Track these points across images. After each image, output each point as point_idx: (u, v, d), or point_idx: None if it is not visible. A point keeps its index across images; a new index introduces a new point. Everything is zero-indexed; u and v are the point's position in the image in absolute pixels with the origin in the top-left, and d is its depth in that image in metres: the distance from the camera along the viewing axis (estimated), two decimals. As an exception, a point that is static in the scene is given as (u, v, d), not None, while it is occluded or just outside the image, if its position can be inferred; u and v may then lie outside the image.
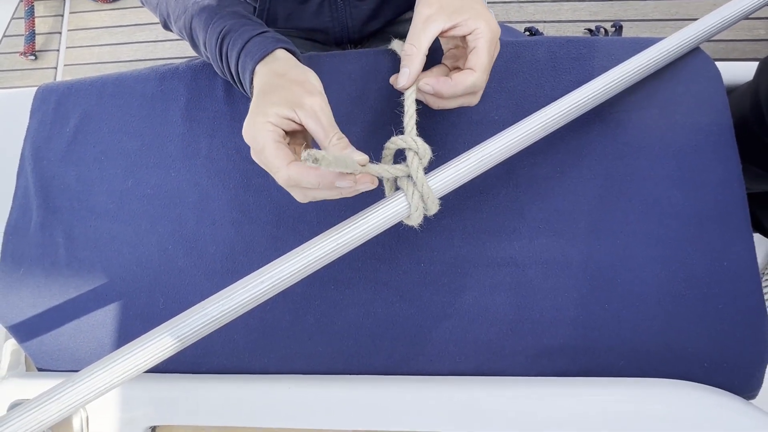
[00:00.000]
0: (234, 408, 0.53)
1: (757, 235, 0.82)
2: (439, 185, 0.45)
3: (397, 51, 0.57)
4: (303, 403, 0.52)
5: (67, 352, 0.61)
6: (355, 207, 0.46)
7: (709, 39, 0.55)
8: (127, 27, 1.76)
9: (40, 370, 0.62)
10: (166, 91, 0.64)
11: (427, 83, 0.46)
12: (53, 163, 0.66)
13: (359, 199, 0.48)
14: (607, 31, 1.40)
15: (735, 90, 0.74)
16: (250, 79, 0.49)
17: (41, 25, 1.80)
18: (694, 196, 0.53)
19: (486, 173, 0.48)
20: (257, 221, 0.58)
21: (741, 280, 0.51)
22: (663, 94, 0.55)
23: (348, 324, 0.55)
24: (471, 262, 0.54)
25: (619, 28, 1.38)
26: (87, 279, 0.61)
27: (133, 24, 1.75)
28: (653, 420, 0.47)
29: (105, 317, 0.60)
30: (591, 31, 1.42)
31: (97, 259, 0.61)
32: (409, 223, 0.45)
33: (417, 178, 0.43)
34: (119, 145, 0.64)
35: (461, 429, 0.49)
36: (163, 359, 0.40)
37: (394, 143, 0.45)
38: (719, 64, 0.56)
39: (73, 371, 0.39)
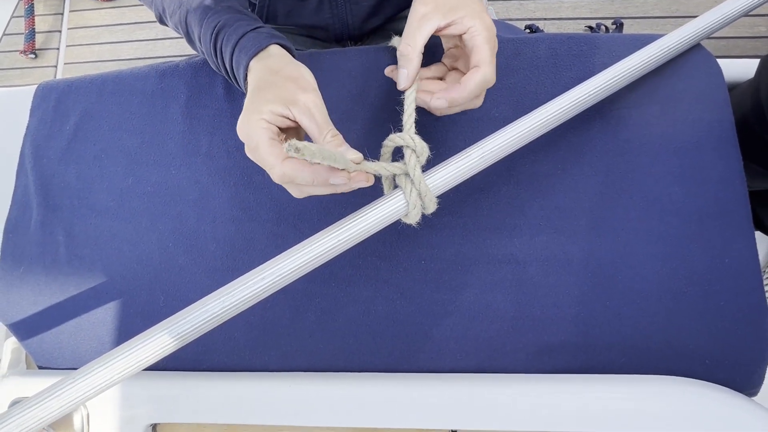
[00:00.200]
0: (235, 405, 0.53)
1: (758, 234, 0.82)
2: (439, 182, 0.45)
3: (397, 47, 0.57)
4: (303, 400, 0.52)
5: (68, 350, 0.61)
6: (355, 205, 0.46)
7: (710, 36, 0.55)
8: (127, 25, 1.76)
9: (41, 368, 0.62)
10: (166, 88, 0.64)
11: (439, 98, 0.46)
12: (53, 161, 0.66)
13: (359, 197, 0.48)
14: (607, 28, 1.40)
15: (736, 88, 0.74)
16: (244, 75, 0.49)
17: (41, 24, 1.80)
18: (695, 193, 0.52)
19: (486, 170, 0.48)
20: (258, 219, 0.58)
21: (742, 277, 0.50)
22: (664, 91, 0.55)
23: (349, 321, 0.55)
24: (471, 260, 0.54)
25: (619, 25, 1.38)
26: (87, 277, 0.61)
27: (133, 22, 1.75)
28: (654, 417, 0.47)
29: (105, 315, 0.60)
30: (591, 28, 1.42)
31: (97, 257, 0.61)
32: (407, 221, 0.45)
33: (414, 175, 0.43)
34: (119, 143, 0.64)
35: (462, 426, 0.49)
36: (164, 356, 0.40)
37: (392, 141, 0.45)
38: (720, 61, 0.56)
39: (73, 369, 0.39)
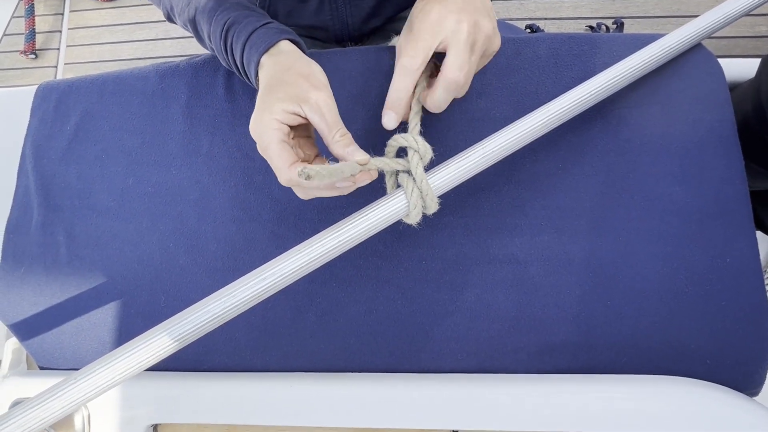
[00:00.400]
0: (236, 406, 0.53)
1: (759, 234, 0.82)
2: (440, 182, 0.45)
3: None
4: (304, 401, 0.52)
5: (69, 350, 0.61)
6: (356, 205, 0.46)
7: (711, 35, 0.55)
8: (128, 25, 1.76)
9: (42, 368, 0.62)
10: (166, 88, 0.64)
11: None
12: (54, 161, 0.66)
13: (361, 197, 0.48)
14: (608, 28, 1.39)
15: (736, 87, 0.73)
16: (256, 72, 0.49)
17: (41, 24, 1.80)
18: (696, 193, 0.52)
19: (488, 170, 0.48)
20: (258, 219, 0.58)
21: (743, 277, 0.50)
22: (665, 91, 0.55)
23: (350, 322, 0.55)
24: (472, 259, 0.54)
25: (620, 24, 1.37)
26: (88, 277, 0.61)
27: (133, 22, 1.75)
28: (655, 417, 0.47)
29: (106, 316, 0.60)
30: (592, 28, 1.41)
31: (98, 258, 0.61)
32: (408, 221, 0.45)
33: (416, 174, 0.43)
34: (120, 143, 0.64)
35: (463, 426, 0.49)
36: (165, 357, 0.40)
37: (396, 141, 0.46)
38: (721, 60, 0.56)
39: (74, 370, 0.39)
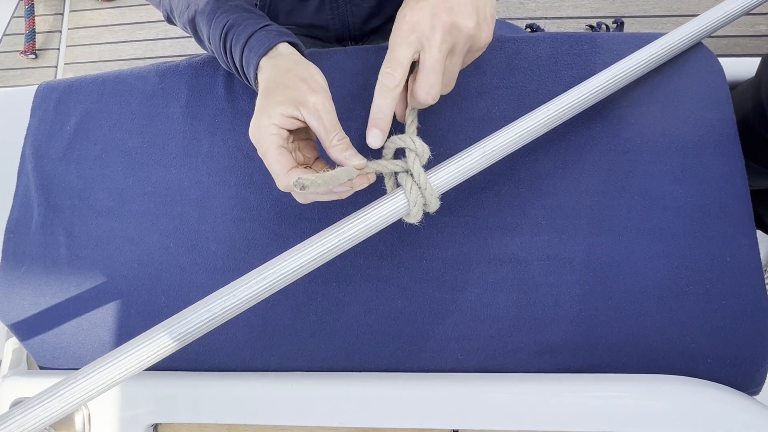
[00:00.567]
0: (236, 405, 0.53)
1: (759, 233, 0.82)
2: (440, 182, 0.45)
3: None
4: (305, 400, 0.52)
5: (69, 350, 0.61)
6: (356, 204, 0.46)
7: (711, 35, 0.55)
8: (128, 25, 1.76)
9: (42, 368, 0.62)
10: (166, 88, 0.64)
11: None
12: (54, 161, 0.66)
13: (360, 197, 0.48)
14: (608, 28, 1.39)
15: (737, 86, 0.73)
16: (255, 75, 0.49)
17: (41, 24, 1.80)
18: (697, 192, 0.52)
19: (488, 169, 0.48)
20: (259, 218, 0.58)
21: (744, 276, 0.50)
22: (665, 90, 0.55)
23: (350, 321, 0.55)
24: (473, 259, 0.54)
25: (620, 24, 1.37)
26: (88, 277, 0.61)
27: (133, 22, 1.75)
28: (656, 416, 0.47)
29: (106, 315, 0.60)
30: (592, 27, 1.41)
31: (98, 257, 0.61)
32: (409, 220, 0.45)
33: (415, 173, 0.43)
34: (120, 143, 0.64)
35: (464, 426, 0.49)
36: (165, 356, 0.40)
37: (393, 142, 0.45)
38: (721, 60, 0.56)
39: (74, 369, 0.39)
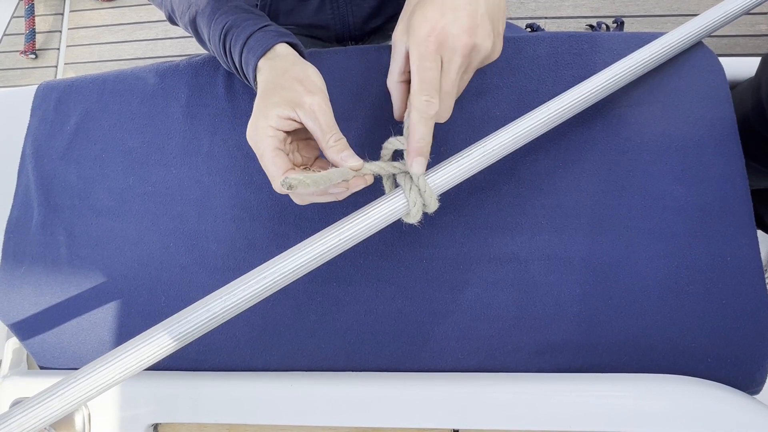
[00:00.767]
0: (236, 405, 0.53)
1: (760, 233, 0.82)
2: (440, 181, 0.45)
3: None
4: (305, 400, 0.52)
5: (69, 350, 0.61)
6: (356, 204, 0.46)
7: (711, 34, 0.55)
8: (128, 25, 1.76)
9: (42, 368, 0.62)
10: (166, 88, 0.64)
11: (412, 158, 0.42)
12: (54, 161, 0.66)
13: (360, 197, 0.48)
14: (608, 27, 1.39)
15: (737, 86, 0.73)
16: (254, 76, 0.49)
17: (41, 24, 1.80)
18: (697, 191, 0.52)
19: (488, 169, 0.48)
20: (259, 218, 0.58)
21: (744, 275, 0.50)
22: (665, 89, 0.55)
23: (350, 321, 0.55)
24: (473, 258, 0.54)
25: (620, 23, 1.37)
26: (88, 277, 0.61)
27: (133, 22, 1.75)
28: (656, 416, 0.47)
29: (106, 315, 0.60)
30: (592, 27, 1.41)
31: (98, 257, 0.61)
32: (409, 220, 0.45)
33: (414, 176, 0.43)
34: (120, 142, 0.64)
35: (464, 425, 0.49)
36: (165, 356, 0.40)
37: (392, 144, 0.45)
38: (721, 59, 0.56)
39: (75, 369, 0.39)
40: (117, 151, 0.64)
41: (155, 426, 0.56)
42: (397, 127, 0.47)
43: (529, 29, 1.40)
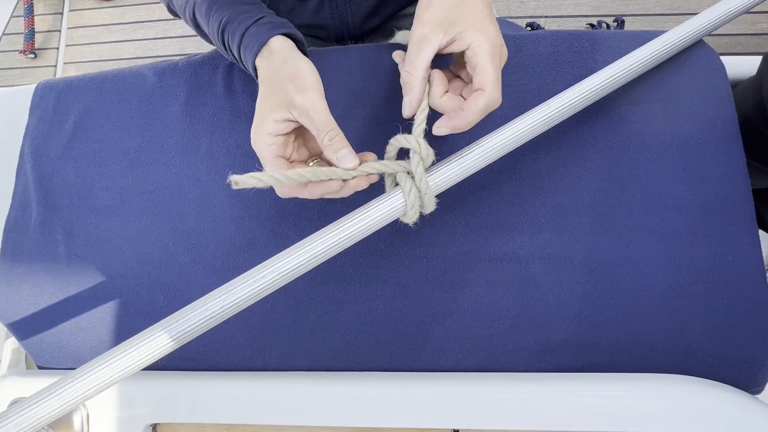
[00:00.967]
0: (235, 405, 0.53)
1: (761, 232, 0.82)
2: (439, 180, 0.45)
3: (401, 43, 0.57)
4: (304, 399, 0.52)
5: (68, 349, 0.61)
6: (356, 203, 0.46)
7: (712, 32, 0.55)
8: (127, 25, 1.75)
9: (41, 368, 0.62)
10: (165, 87, 0.64)
11: (440, 126, 0.43)
12: (53, 160, 0.65)
13: (360, 195, 0.47)
14: (609, 26, 1.39)
15: (738, 85, 0.73)
16: (255, 75, 0.50)
17: (41, 23, 1.80)
18: (698, 190, 0.52)
19: (488, 168, 0.48)
20: (258, 217, 0.58)
21: (746, 275, 0.50)
22: (666, 87, 0.55)
23: (350, 321, 0.55)
24: (473, 258, 0.54)
25: (621, 22, 1.37)
26: (87, 276, 0.61)
27: (133, 21, 1.75)
28: (657, 415, 0.46)
29: (105, 315, 0.60)
30: (593, 26, 1.41)
31: (97, 257, 0.61)
32: (405, 220, 0.45)
33: (417, 177, 0.43)
34: (119, 141, 0.64)
35: (464, 425, 0.49)
36: (163, 355, 0.40)
37: (398, 141, 0.45)
38: (722, 58, 0.56)
39: (73, 369, 0.39)
40: (116, 150, 0.63)
41: (154, 426, 0.55)
42: (398, 125, 0.46)
43: (529, 28, 1.40)
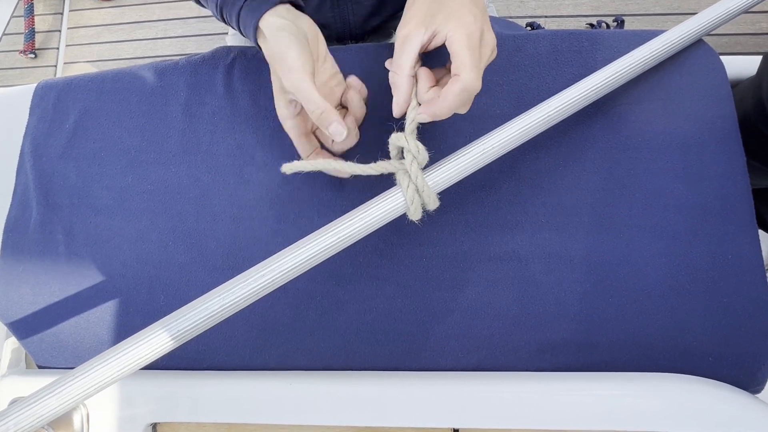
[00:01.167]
0: (235, 404, 0.53)
1: (761, 232, 0.82)
2: (439, 179, 0.45)
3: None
4: (304, 399, 0.52)
5: (68, 349, 0.61)
6: (356, 202, 0.46)
7: (712, 32, 0.55)
8: (127, 25, 1.75)
9: (41, 367, 0.62)
10: (165, 86, 0.64)
11: (421, 113, 0.44)
12: (53, 159, 0.65)
13: (360, 194, 0.48)
14: (608, 26, 1.39)
15: (738, 85, 0.73)
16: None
17: (41, 23, 1.80)
18: (698, 189, 0.52)
19: (488, 167, 0.48)
20: (258, 216, 0.58)
21: (745, 274, 0.50)
22: (666, 86, 0.55)
23: (349, 320, 0.55)
24: (473, 257, 0.54)
25: (621, 22, 1.37)
26: (87, 276, 0.61)
27: (133, 21, 1.75)
28: (657, 415, 0.46)
29: (105, 314, 0.60)
30: (593, 25, 1.41)
31: (97, 256, 0.61)
32: (410, 217, 0.46)
33: (413, 175, 0.43)
34: (119, 141, 0.64)
35: (464, 425, 0.49)
36: (163, 354, 0.40)
37: (392, 140, 0.46)
38: (722, 58, 0.56)
39: (73, 368, 0.39)
40: (116, 150, 0.63)
41: (154, 425, 0.55)
42: (398, 124, 0.47)
43: (529, 28, 1.40)
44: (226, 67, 0.62)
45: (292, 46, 0.46)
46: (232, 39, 0.88)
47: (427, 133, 0.46)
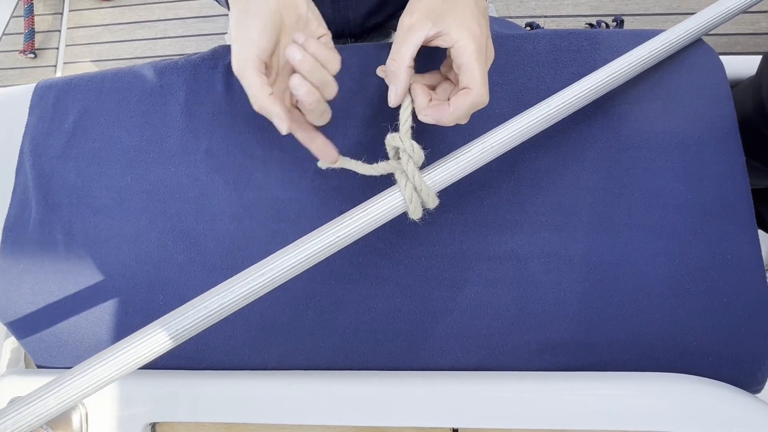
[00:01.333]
0: (234, 404, 0.53)
1: (760, 232, 0.82)
2: (438, 178, 0.45)
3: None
4: (303, 398, 0.52)
5: (67, 348, 0.61)
6: (355, 202, 0.46)
7: (711, 31, 0.55)
8: (127, 25, 1.75)
9: (40, 367, 0.62)
10: (165, 86, 0.64)
11: (426, 114, 0.43)
12: (52, 159, 0.65)
13: (360, 194, 0.47)
14: (608, 26, 1.39)
15: (737, 85, 0.73)
16: None
17: (40, 23, 1.80)
18: (698, 189, 0.52)
19: (488, 166, 0.48)
20: (257, 216, 0.58)
21: (745, 274, 0.50)
22: (665, 86, 0.55)
23: (349, 320, 0.55)
24: (472, 257, 0.54)
25: (620, 22, 1.37)
26: (86, 275, 0.61)
27: (132, 21, 1.75)
28: (657, 414, 0.46)
29: (104, 314, 0.60)
30: (592, 25, 1.41)
31: (96, 256, 0.61)
32: (411, 216, 0.46)
33: (410, 174, 0.43)
34: (118, 140, 0.64)
35: (463, 424, 0.49)
36: (162, 353, 0.40)
37: (388, 141, 0.46)
38: (721, 57, 0.56)
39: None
40: (115, 149, 0.63)
41: (153, 425, 0.55)
42: (395, 125, 0.46)
43: (528, 28, 1.40)
44: (225, 66, 0.62)
45: (255, 21, 0.42)
46: (232, 39, 0.88)
47: (426, 132, 0.46)
